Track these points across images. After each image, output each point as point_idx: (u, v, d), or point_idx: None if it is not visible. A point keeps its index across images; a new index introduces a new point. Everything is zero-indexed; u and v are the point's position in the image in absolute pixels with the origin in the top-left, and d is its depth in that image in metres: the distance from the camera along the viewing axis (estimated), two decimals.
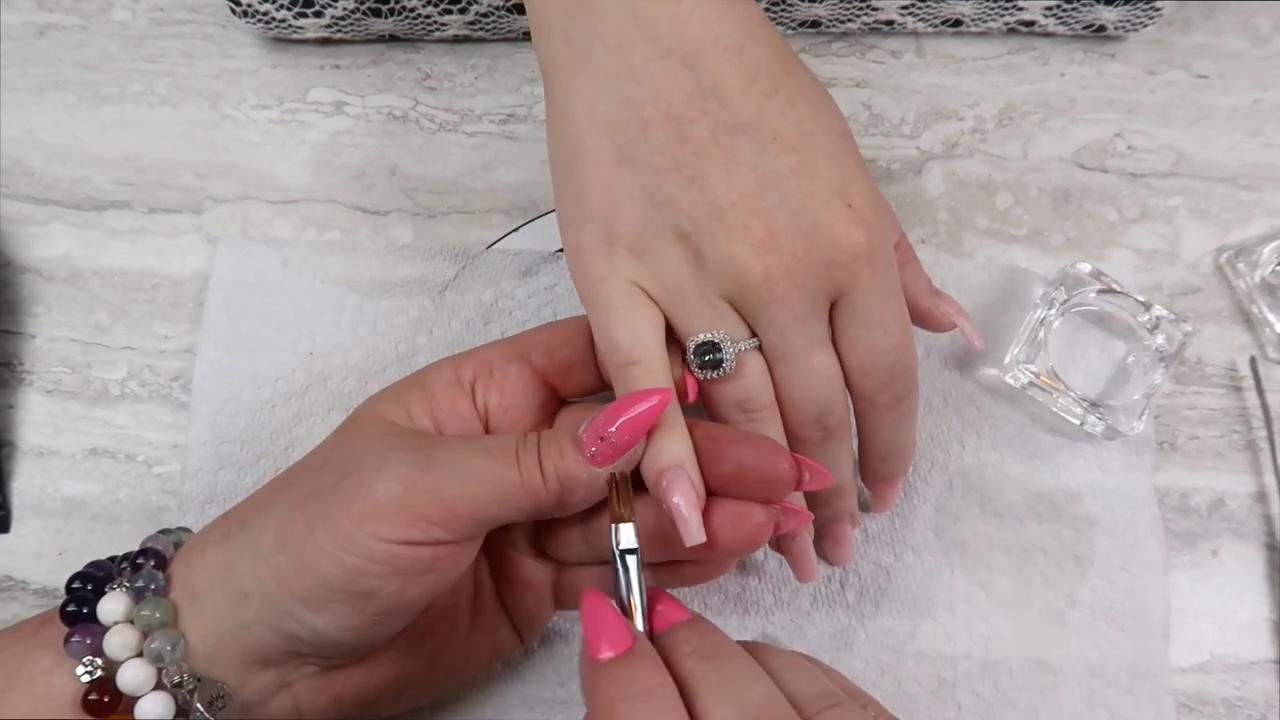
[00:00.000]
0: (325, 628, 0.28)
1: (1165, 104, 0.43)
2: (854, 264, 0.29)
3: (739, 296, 0.30)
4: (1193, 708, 0.37)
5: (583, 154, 0.30)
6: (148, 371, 0.41)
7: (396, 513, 0.27)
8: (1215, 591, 0.38)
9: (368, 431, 0.30)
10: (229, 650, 0.28)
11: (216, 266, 0.41)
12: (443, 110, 0.44)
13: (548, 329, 0.33)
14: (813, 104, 0.30)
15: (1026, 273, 0.41)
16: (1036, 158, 0.43)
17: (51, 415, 0.41)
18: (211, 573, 0.28)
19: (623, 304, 0.30)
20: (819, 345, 0.30)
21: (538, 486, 0.28)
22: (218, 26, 0.45)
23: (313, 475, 0.29)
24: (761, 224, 0.29)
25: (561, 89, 0.30)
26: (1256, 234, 0.42)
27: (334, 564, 0.27)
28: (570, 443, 0.28)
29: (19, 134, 0.43)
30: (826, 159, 0.29)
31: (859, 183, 0.30)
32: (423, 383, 0.31)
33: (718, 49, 0.29)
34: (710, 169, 0.29)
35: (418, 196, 0.43)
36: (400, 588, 0.27)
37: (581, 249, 0.30)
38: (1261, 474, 0.39)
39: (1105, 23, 0.42)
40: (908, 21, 0.43)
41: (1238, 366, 0.40)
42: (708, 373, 0.30)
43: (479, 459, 0.28)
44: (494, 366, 0.32)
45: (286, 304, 0.41)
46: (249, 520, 0.29)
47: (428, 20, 0.42)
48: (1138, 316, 0.39)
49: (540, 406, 0.32)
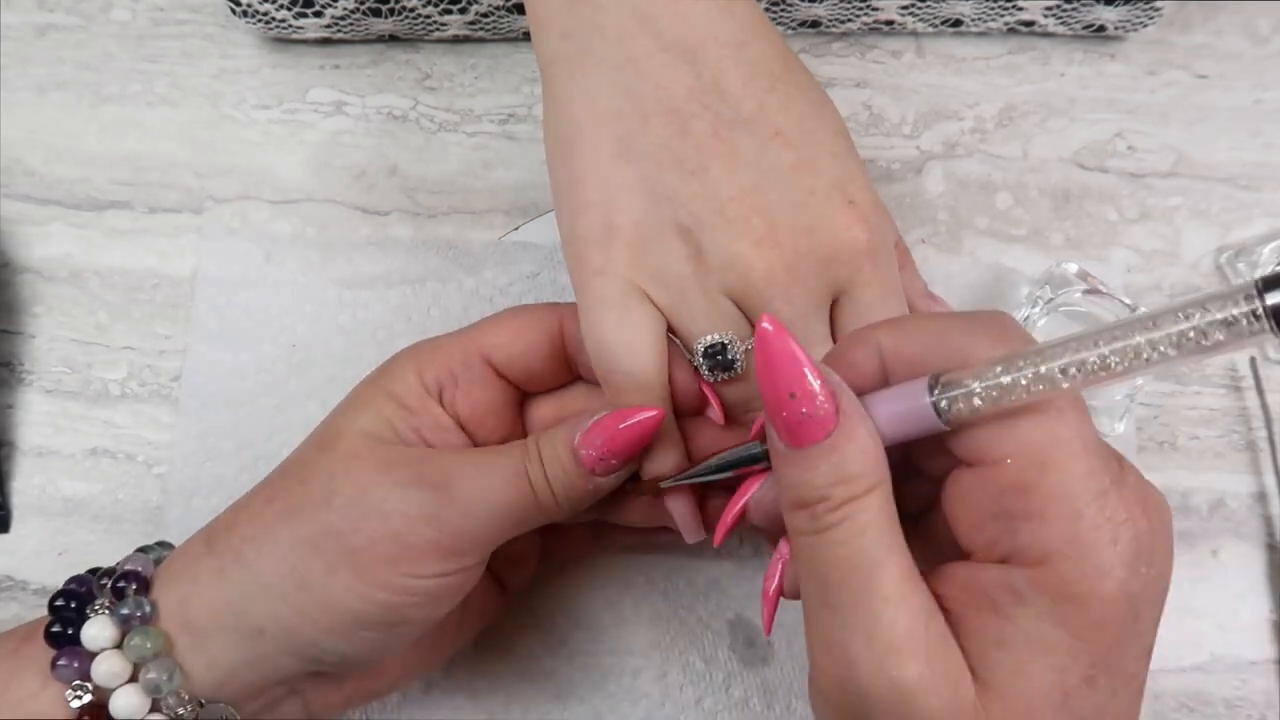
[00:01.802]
0: (354, 652, 0.28)
1: (1165, 104, 0.43)
2: (855, 260, 0.29)
3: (741, 293, 0.29)
4: (1193, 708, 0.37)
5: (581, 146, 0.29)
6: (148, 371, 0.41)
7: (429, 555, 0.27)
8: (1215, 591, 0.38)
9: (364, 456, 0.29)
10: (241, 678, 0.28)
11: (202, 263, 0.41)
12: (443, 110, 0.44)
13: (510, 329, 0.31)
14: (812, 101, 0.30)
15: (1013, 271, 0.41)
16: (1036, 158, 0.43)
17: (51, 415, 0.41)
18: (214, 610, 0.28)
19: (618, 304, 0.29)
20: (820, 342, 0.30)
21: (551, 506, 0.28)
22: (218, 26, 0.45)
23: (317, 509, 0.28)
24: (763, 219, 0.29)
25: (560, 83, 0.30)
26: (1256, 234, 0.42)
27: (366, 602, 0.27)
28: (574, 462, 0.28)
29: (19, 134, 0.43)
30: (827, 155, 0.29)
31: (859, 180, 0.30)
32: (392, 392, 0.30)
33: (718, 45, 0.29)
34: (711, 163, 0.29)
35: (418, 196, 0.43)
36: (433, 611, 0.29)
37: (578, 240, 0.29)
38: (1262, 474, 0.39)
39: (1105, 23, 0.42)
40: (908, 21, 0.43)
41: (1237, 366, 0.40)
42: (718, 374, 0.30)
43: (496, 491, 0.28)
44: (458, 375, 0.31)
45: (270, 297, 0.41)
46: (246, 555, 0.28)
47: (428, 20, 0.42)
48: (1121, 317, 0.38)
49: (508, 405, 0.32)
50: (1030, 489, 0.21)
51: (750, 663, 0.37)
